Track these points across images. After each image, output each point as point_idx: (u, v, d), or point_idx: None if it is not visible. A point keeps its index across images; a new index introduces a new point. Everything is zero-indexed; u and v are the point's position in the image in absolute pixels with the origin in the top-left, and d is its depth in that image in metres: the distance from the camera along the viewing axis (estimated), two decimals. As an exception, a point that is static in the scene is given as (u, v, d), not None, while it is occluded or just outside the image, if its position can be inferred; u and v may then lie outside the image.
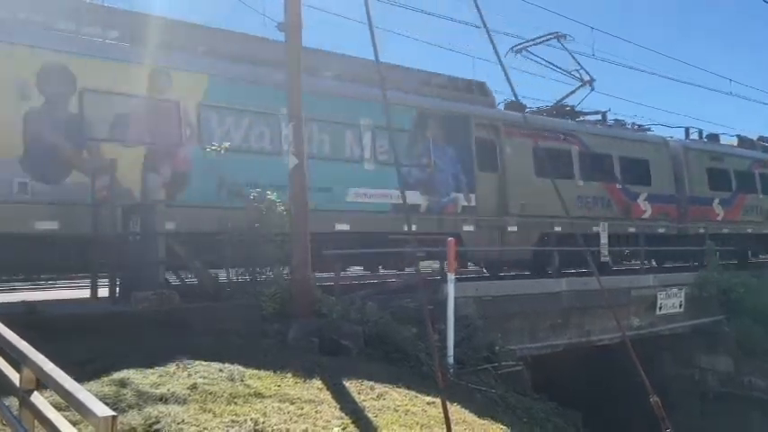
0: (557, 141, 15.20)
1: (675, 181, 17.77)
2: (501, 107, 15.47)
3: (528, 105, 17.14)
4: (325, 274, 11.10)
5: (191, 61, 10.08)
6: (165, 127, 9.79)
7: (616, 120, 18.76)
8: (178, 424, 5.29)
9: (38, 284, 11.55)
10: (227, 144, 9.62)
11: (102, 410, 2.73)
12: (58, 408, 3.90)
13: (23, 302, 7.81)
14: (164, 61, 9.76)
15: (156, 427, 5.23)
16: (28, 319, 7.01)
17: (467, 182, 13.29)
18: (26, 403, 3.92)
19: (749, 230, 19.81)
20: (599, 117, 18.12)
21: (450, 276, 9.22)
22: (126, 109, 9.46)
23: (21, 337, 4.47)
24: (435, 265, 12.98)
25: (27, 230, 8.41)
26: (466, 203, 13.20)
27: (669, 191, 17.52)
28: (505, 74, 8.26)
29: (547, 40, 17.06)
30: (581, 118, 17.56)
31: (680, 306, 14.91)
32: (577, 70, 17.59)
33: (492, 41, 7.77)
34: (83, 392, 3.07)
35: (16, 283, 11.55)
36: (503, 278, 14.08)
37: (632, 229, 16.06)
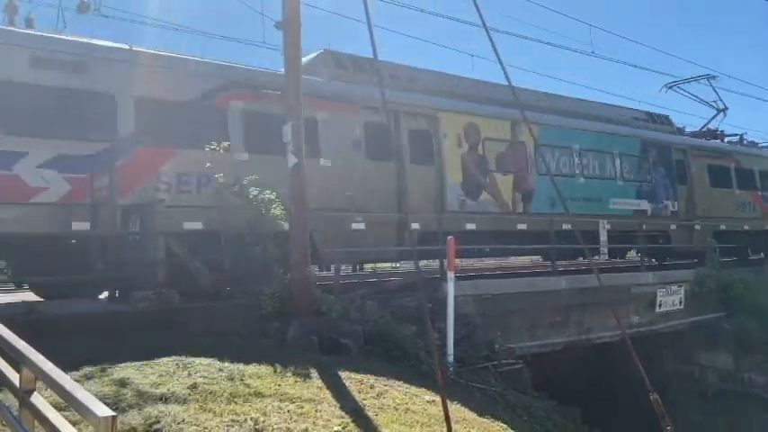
0: (722, 160, 19.58)
1: None
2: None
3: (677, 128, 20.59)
4: (325, 273, 11.13)
5: (532, 115, 12.93)
6: (521, 161, 14.52)
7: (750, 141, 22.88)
8: (178, 423, 5.29)
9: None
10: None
11: (102, 410, 2.73)
12: (57, 408, 3.90)
13: (23, 302, 7.81)
14: (515, 116, 13.29)
15: (156, 426, 5.23)
16: (28, 319, 7.02)
17: (671, 193, 17.78)
18: (26, 403, 3.92)
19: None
20: (737, 138, 22.34)
21: (450, 275, 9.22)
22: (503, 150, 14.27)
23: (20, 337, 4.47)
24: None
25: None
26: (672, 209, 17.72)
27: None
28: (505, 73, 8.26)
29: (699, 79, 21.71)
30: (727, 140, 22.02)
31: (680, 303, 14.91)
32: (715, 101, 22.04)
33: (491, 39, 7.77)
34: (82, 392, 3.07)
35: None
36: (502, 276, 14.10)
37: None
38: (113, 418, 2.67)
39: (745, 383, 14.87)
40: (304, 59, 11.20)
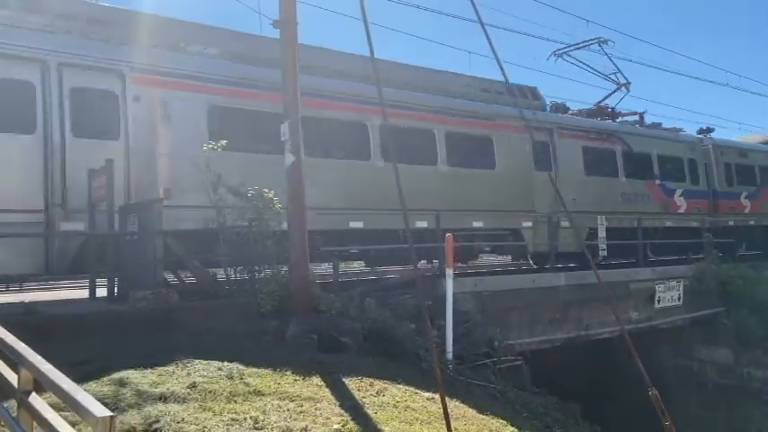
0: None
1: None
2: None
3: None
4: (323, 271, 11.13)
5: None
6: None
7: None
8: (178, 423, 5.29)
9: (38, 285, 11.53)
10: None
11: (101, 411, 2.73)
12: (56, 408, 3.89)
13: (22, 303, 7.81)
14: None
15: (155, 426, 5.23)
16: (26, 320, 7.02)
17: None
18: (24, 404, 3.91)
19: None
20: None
21: (449, 272, 9.22)
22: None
23: (19, 337, 4.46)
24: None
25: None
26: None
27: None
28: (500, 66, 8.23)
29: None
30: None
31: (678, 299, 14.93)
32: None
33: (487, 36, 7.73)
34: (81, 393, 3.06)
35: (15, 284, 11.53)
36: (501, 273, 14.10)
37: None
38: (111, 418, 2.67)
39: (744, 378, 14.90)
40: None
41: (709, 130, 20.81)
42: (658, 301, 14.52)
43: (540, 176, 13.66)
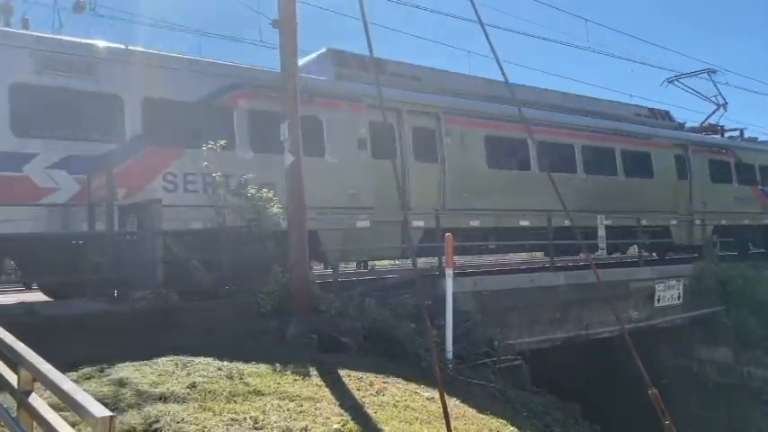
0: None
1: None
2: None
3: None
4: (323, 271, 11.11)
5: None
6: None
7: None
8: (178, 423, 5.29)
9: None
10: None
11: (100, 411, 2.73)
12: (56, 409, 3.90)
13: (22, 303, 7.81)
14: None
15: (155, 426, 5.23)
16: (26, 320, 7.02)
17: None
18: (24, 404, 3.92)
19: None
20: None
21: (449, 272, 9.22)
22: None
23: (19, 338, 4.46)
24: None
25: None
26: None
27: None
28: (502, 71, 8.22)
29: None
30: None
31: (678, 298, 14.93)
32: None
33: (486, 35, 7.73)
34: (80, 393, 3.06)
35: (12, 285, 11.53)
36: (501, 273, 14.10)
37: None
38: (111, 418, 2.67)
39: (744, 377, 14.90)
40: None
41: None
42: (658, 301, 14.52)
43: (680, 184, 17.94)
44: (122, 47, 10.10)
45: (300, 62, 11.34)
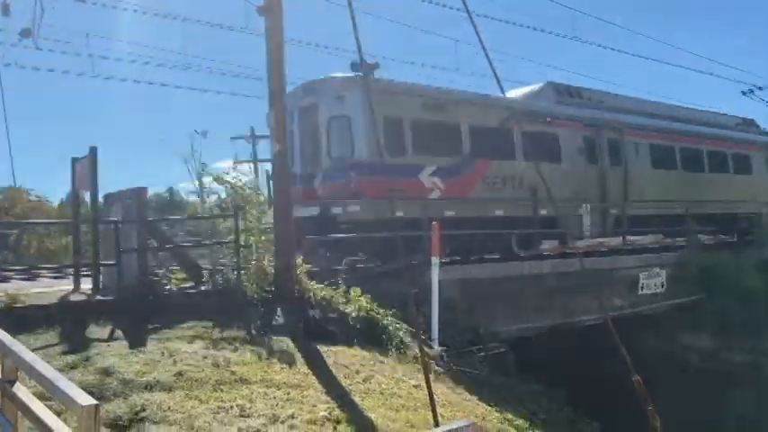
0: None
1: None
2: None
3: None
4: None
5: None
6: None
7: None
8: (164, 411, 5.30)
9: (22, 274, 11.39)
10: None
11: (85, 399, 2.72)
12: (41, 398, 3.88)
13: (5, 294, 7.72)
14: None
15: (141, 414, 5.24)
16: (10, 311, 6.96)
17: None
18: (8, 394, 3.89)
19: None
20: None
21: (435, 260, 9.25)
22: None
23: (2, 328, 4.43)
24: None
25: None
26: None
27: None
28: (487, 57, 8.22)
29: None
30: None
31: (662, 286, 15.10)
32: None
33: (475, 26, 7.72)
34: (64, 382, 3.05)
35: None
36: (487, 261, 14.17)
37: None
38: (96, 406, 2.66)
39: (724, 362, 15.14)
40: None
41: None
42: (642, 288, 14.68)
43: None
44: (459, 90, 15.00)
45: (524, 91, 17.06)
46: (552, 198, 9.83)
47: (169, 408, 5.36)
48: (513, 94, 16.60)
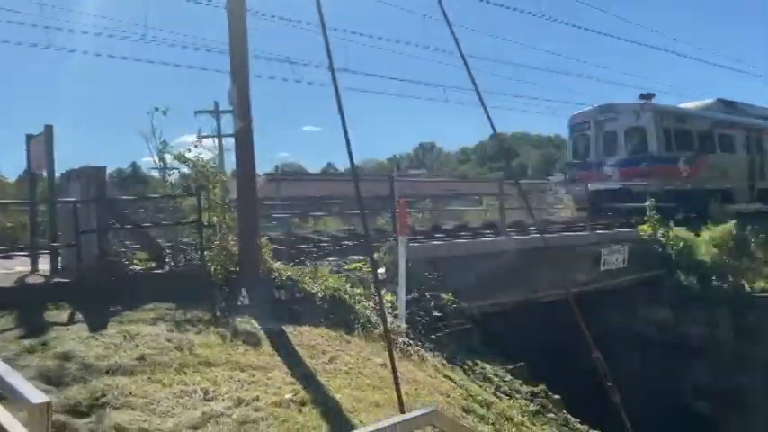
0: None
1: None
2: None
3: None
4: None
5: None
6: None
7: None
8: (125, 396, 5.22)
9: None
10: None
11: (36, 396, 2.62)
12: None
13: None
14: None
15: (102, 400, 5.14)
16: None
17: None
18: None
19: None
20: None
21: (402, 239, 9.27)
22: None
23: None
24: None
25: None
26: None
27: None
28: (466, 65, 8.13)
29: None
30: None
31: (623, 262, 15.44)
32: None
33: (453, 34, 7.55)
34: (13, 375, 2.94)
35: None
36: (453, 237, 14.29)
37: None
38: (48, 404, 2.56)
39: (681, 336, 15.66)
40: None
41: None
42: (603, 264, 15.00)
43: None
44: (692, 109, 23.91)
45: (697, 104, 24.69)
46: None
47: (131, 392, 5.28)
48: (690, 105, 24.35)
